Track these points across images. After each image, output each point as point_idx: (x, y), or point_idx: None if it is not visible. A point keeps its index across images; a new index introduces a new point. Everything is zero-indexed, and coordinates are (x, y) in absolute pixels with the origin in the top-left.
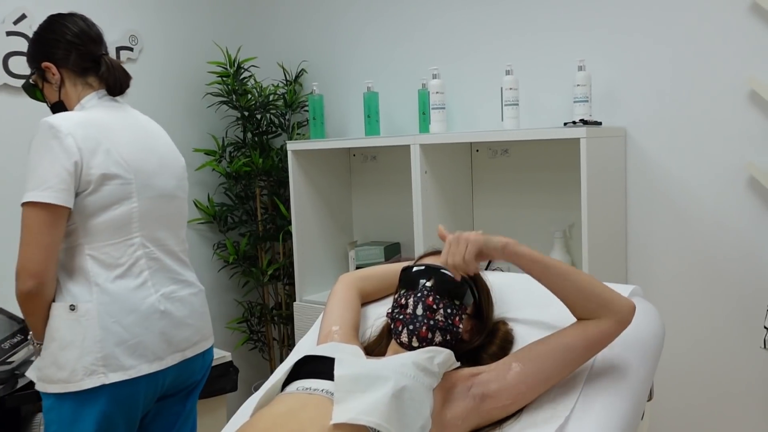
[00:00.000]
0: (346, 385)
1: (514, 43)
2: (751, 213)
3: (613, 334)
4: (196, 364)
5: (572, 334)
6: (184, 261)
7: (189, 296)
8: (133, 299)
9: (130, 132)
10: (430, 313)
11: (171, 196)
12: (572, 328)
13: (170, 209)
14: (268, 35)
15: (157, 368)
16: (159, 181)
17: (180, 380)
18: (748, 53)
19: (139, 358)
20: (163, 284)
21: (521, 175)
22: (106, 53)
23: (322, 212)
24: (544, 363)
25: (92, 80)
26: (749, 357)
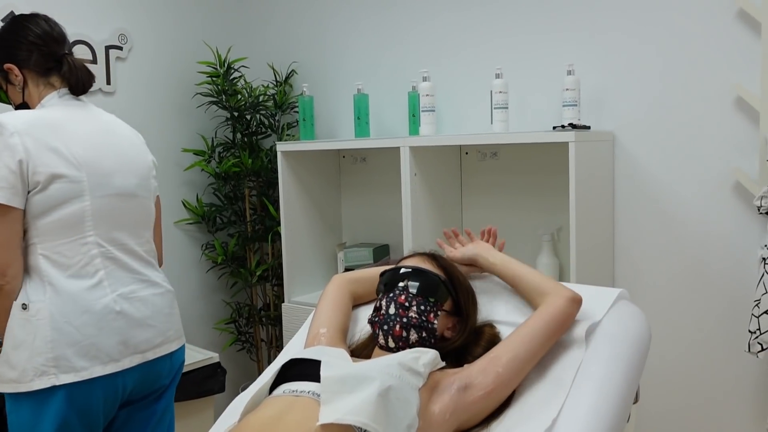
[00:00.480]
0: (333, 386)
1: (504, 46)
2: (737, 218)
3: (565, 309)
4: (162, 367)
5: (532, 318)
6: (148, 261)
7: (152, 296)
8: (87, 299)
9: (86, 130)
10: (403, 311)
11: (130, 195)
12: (534, 316)
13: (130, 208)
14: (258, 36)
15: (112, 370)
16: (117, 180)
17: (145, 384)
18: (734, 60)
19: (92, 359)
20: (122, 284)
21: (510, 178)
22: (69, 53)
23: (311, 213)
24: (514, 348)
25: (55, 80)
26: (734, 361)
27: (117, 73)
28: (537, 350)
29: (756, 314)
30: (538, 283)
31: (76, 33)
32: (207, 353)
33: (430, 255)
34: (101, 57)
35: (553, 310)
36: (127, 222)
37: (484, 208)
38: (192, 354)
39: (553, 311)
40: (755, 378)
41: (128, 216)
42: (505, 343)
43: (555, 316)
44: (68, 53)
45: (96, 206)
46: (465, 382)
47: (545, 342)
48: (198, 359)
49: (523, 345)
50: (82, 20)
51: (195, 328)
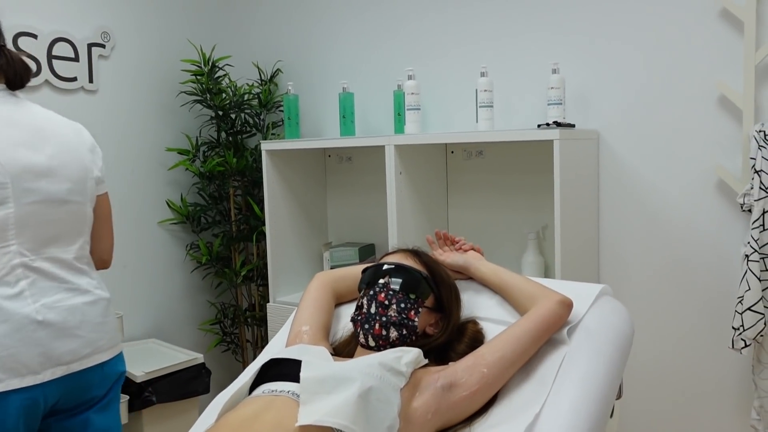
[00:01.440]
0: (312, 387)
1: (489, 45)
2: (720, 215)
3: (554, 312)
4: (93, 378)
5: (524, 320)
6: (78, 268)
7: (81, 305)
8: (6, 309)
9: (15, 131)
10: (383, 310)
11: (60, 201)
12: (524, 317)
13: (59, 215)
14: (243, 34)
15: (31, 383)
16: (45, 185)
17: (72, 395)
18: (717, 58)
19: (9, 371)
20: (46, 294)
21: (496, 176)
22: (4, 45)
23: (297, 213)
24: (502, 348)
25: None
26: (718, 357)
27: (99, 72)
28: (524, 352)
29: (739, 311)
30: (528, 290)
31: (58, 30)
32: (191, 354)
33: (413, 251)
34: (83, 55)
35: (543, 312)
36: (55, 230)
37: (470, 207)
38: (176, 355)
39: (543, 313)
40: (739, 374)
41: (57, 223)
42: (493, 343)
43: (545, 318)
44: (3, 45)
45: (20, 213)
46: (449, 381)
47: (533, 344)
48: (182, 360)
49: (511, 346)
50: (63, 17)
51: (179, 329)
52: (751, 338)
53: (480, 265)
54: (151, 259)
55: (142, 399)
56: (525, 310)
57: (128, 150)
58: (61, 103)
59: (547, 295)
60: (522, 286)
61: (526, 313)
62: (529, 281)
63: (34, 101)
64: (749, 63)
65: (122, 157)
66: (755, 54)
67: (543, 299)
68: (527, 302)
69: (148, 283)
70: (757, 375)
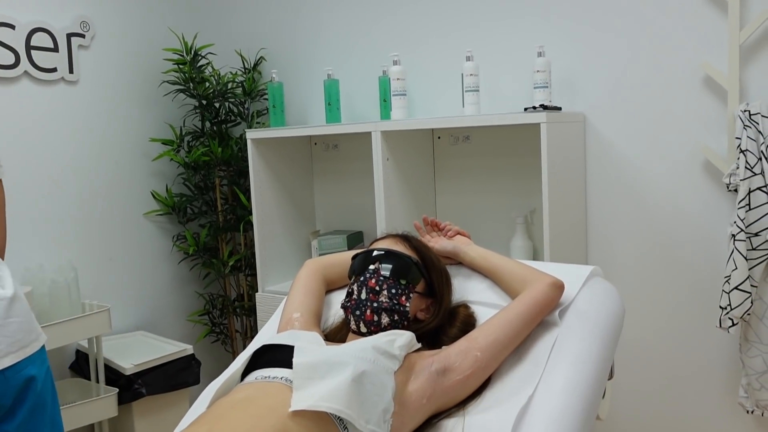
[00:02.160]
0: (305, 372)
1: (474, 29)
2: (706, 195)
3: (548, 294)
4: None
5: (516, 303)
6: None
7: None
8: None
9: None
10: (374, 296)
11: None
12: (516, 300)
13: None
14: (225, 22)
15: None
16: None
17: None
18: (702, 39)
19: None
20: None
21: (483, 161)
22: None
23: (284, 202)
24: (494, 331)
25: None
26: (706, 336)
27: (80, 62)
28: (517, 334)
29: (726, 290)
30: (519, 273)
31: (36, 21)
32: (180, 345)
33: (403, 236)
34: (63, 45)
35: (535, 294)
36: None
37: (458, 192)
38: (165, 347)
39: (534, 296)
40: (727, 352)
41: None
42: (486, 327)
43: (537, 301)
44: None
45: None
46: (443, 365)
47: (525, 326)
48: (171, 352)
49: (503, 329)
50: (41, 7)
51: (168, 320)
52: (738, 317)
53: (468, 250)
54: (137, 251)
55: (131, 391)
56: (516, 293)
57: (111, 141)
58: (42, 95)
59: (538, 278)
60: (512, 269)
61: (518, 296)
62: (519, 264)
63: (13, 93)
64: (733, 43)
65: (105, 149)
66: (739, 34)
67: (534, 282)
68: (518, 285)
69: (135, 275)
70: (745, 353)
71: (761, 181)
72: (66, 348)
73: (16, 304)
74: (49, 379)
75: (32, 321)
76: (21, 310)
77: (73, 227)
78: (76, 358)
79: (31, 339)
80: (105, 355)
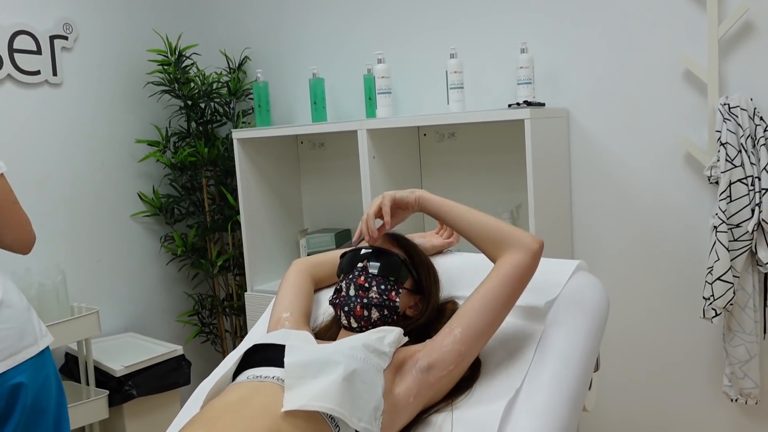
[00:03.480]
0: (297, 372)
1: (457, 26)
2: (688, 188)
3: (523, 264)
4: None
5: (489, 279)
6: None
7: None
8: None
9: None
10: (363, 292)
11: None
12: (488, 276)
13: None
14: (209, 22)
15: None
16: None
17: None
18: (681, 33)
19: None
20: None
21: (469, 157)
22: None
23: (271, 201)
24: (472, 318)
25: None
26: (690, 326)
27: (63, 64)
28: (497, 316)
29: (709, 281)
30: (493, 236)
31: (18, 23)
32: (170, 346)
33: (390, 234)
34: (46, 47)
35: (510, 268)
36: None
37: (444, 189)
38: (155, 348)
39: (510, 270)
40: (710, 342)
41: None
42: (465, 314)
43: (512, 275)
44: None
45: None
46: (427, 362)
47: (505, 305)
48: (161, 353)
49: (483, 315)
50: (23, 9)
51: (157, 321)
52: (721, 307)
53: (428, 204)
54: (125, 252)
55: (122, 393)
56: (493, 258)
57: (96, 143)
58: (26, 98)
59: (513, 243)
60: (486, 232)
61: (494, 269)
62: (496, 224)
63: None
64: (712, 37)
65: (91, 151)
66: (718, 28)
67: (510, 251)
68: (493, 251)
69: (124, 277)
70: (728, 343)
71: (741, 173)
72: (55, 351)
73: (4, 310)
74: (51, 385)
75: (26, 326)
76: (10, 317)
77: (61, 230)
78: (66, 361)
79: (24, 345)
80: (95, 357)
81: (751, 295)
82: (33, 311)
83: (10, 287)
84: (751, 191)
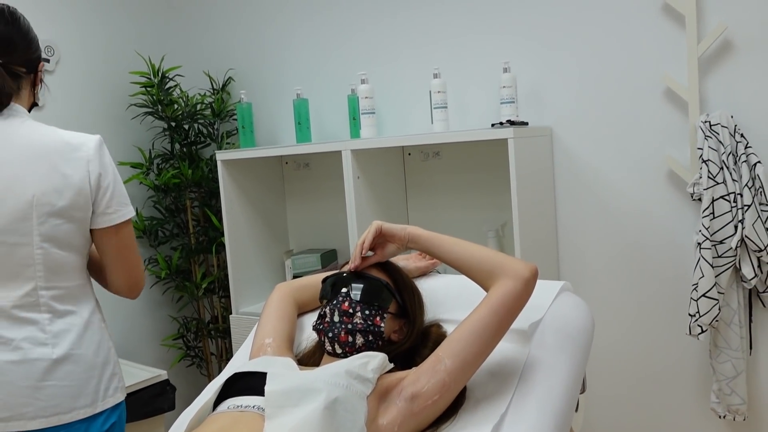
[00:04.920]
0: (278, 401)
1: (440, 47)
2: (672, 204)
3: (514, 292)
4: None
5: (479, 308)
6: (19, 318)
7: (3, 364)
8: None
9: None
10: (347, 318)
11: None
12: (479, 304)
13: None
14: (192, 44)
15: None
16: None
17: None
18: (662, 52)
19: None
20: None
21: (453, 176)
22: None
23: (256, 222)
24: (459, 347)
25: None
26: (676, 343)
27: (45, 87)
28: (486, 347)
29: (695, 297)
30: (486, 266)
31: None
32: (154, 371)
33: None
34: None
35: (501, 297)
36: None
37: (430, 208)
38: (139, 373)
39: (501, 299)
40: (697, 359)
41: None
42: (453, 343)
43: (503, 304)
44: None
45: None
46: (411, 392)
47: (494, 336)
48: (145, 378)
49: (471, 346)
50: None
51: (141, 346)
52: (707, 324)
53: (420, 239)
54: None
55: None
56: (486, 288)
57: None
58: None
59: (504, 272)
60: (479, 262)
61: (485, 299)
62: (487, 255)
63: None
64: (692, 56)
65: None
66: (697, 47)
67: (501, 278)
68: (486, 281)
69: (107, 301)
70: (715, 359)
71: (724, 190)
72: None
73: (65, 366)
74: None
75: (86, 385)
76: (70, 374)
77: None
78: None
79: (77, 406)
80: None
81: (736, 311)
82: (110, 367)
83: (90, 339)
84: (734, 208)
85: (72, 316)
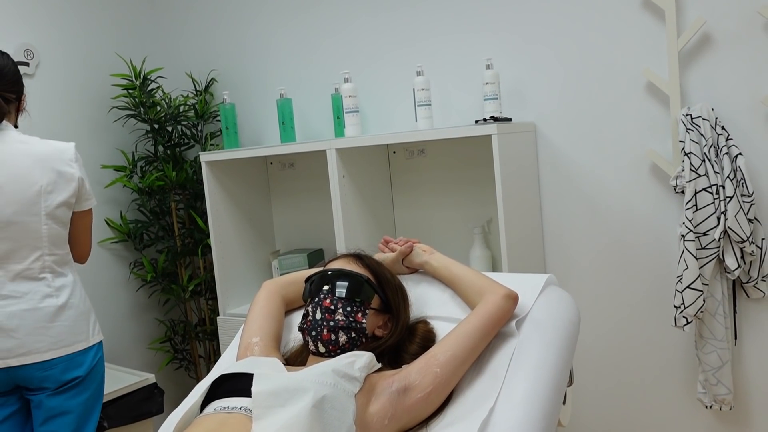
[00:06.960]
0: (265, 401)
1: (423, 44)
2: (655, 198)
3: (503, 306)
4: (32, 374)
5: (471, 317)
6: (31, 277)
7: (20, 312)
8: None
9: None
10: (329, 315)
11: (6, 222)
12: (471, 314)
13: (8, 234)
14: (173, 45)
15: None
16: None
17: (17, 379)
18: (643, 47)
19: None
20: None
21: (439, 174)
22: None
23: (242, 223)
24: (455, 348)
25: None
26: (662, 335)
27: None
28: (474, 348)
29: (679, 289)
30: (476, 285)
31: None
32: (142, 375)
33: (355, 255)
34: None
35: (489, 308)
36: (5, 245)
37: (415, 206)
38: (126, 377)
39: (489, 309)
40: (683, 350)
41: (5, 240)
42: (444, 342)
43: (491, 314)
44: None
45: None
46: (403, 384)
47: (482, 339)
48: (133, 381)
49: (461, 344)
50: None
51: (128, 350)
52: (692, 315)
53: (432, 260)
54: (93, 280)
55: None
56: (473, 304)
57: None
58: None
59: (493, 290)
60: (470, 280)
61: (474, 309)
62: (478, 275)
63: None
64: (672, 50)
65: None
66: (677, 41)
67: (489, 294)
68: (475, 297)
69: (93, 305)
70: (700, 350)
71: (706, 182)
72: None
73: (66, 311)
74: (96, 377)
75: (80, 325)
76: (70, 317)
77: None
78: None
79: (77, 340)
80: None
81: (720, 302)
82: (92, 314)
83: (77, 292)
84: (716, 199)
85: (65, 276)
